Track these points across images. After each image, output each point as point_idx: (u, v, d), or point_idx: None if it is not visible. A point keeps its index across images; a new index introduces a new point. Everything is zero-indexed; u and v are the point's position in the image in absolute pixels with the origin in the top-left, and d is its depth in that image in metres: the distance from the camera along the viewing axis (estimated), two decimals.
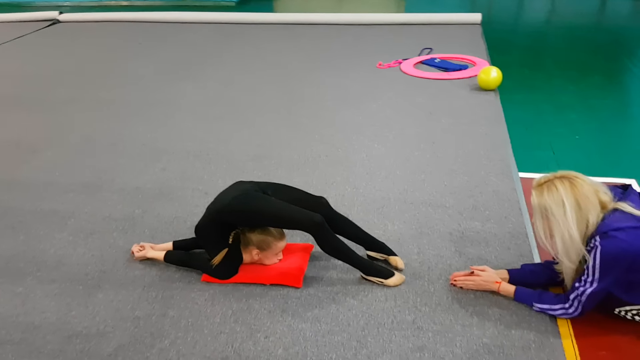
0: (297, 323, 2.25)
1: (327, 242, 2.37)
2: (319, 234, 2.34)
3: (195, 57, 5.95)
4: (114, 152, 3.82)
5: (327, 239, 2.36)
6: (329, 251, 2.39)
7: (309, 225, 2.33)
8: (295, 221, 2.36)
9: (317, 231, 2.33)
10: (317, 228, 2.32)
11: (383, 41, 6.14)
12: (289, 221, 2.38)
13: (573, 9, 7.63)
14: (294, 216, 2.36)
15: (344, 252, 2.40)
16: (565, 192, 2.01)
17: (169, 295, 2.44)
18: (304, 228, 2.35)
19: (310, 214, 2.35)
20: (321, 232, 2.33)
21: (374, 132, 3.94)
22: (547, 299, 2.22)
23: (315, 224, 2.32)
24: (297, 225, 2.37)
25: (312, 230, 2.33)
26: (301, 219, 2.34)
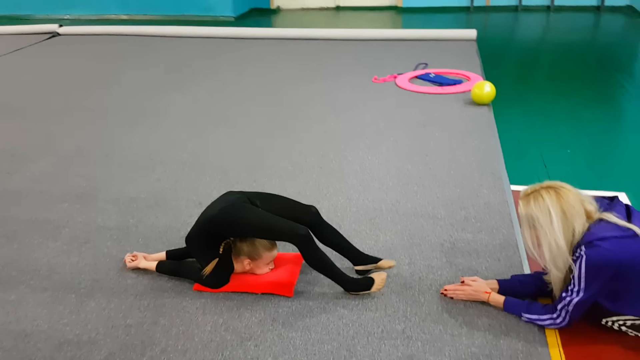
0: (287, 332, 2.26)
1: (311, 255, 2.38)
2: (303, 246, 2.36)
3: (188, 68, 6.00)
4: (108, 162, 3.85)
5: (311, 252, 2.37)
6: (312, 264, 2.41)
7: (292, 236, 2.35)
8: (280, 232, 2.38)
9: (301, 243, 2.35)
10: (301, 240, 2.34)
11: (379, 56, 6.21)
12: (273, 232, 2.40)
13: (567, 25, 7.73)
14: (278, 227, 2.37)
15: (327, 267, 2.42)
16: (551, 202, 2.04)
17: (161, 303, 2.45)
18: (288, 239, 2.37)
19: (295, 225, 2.37)
20: (305, 244, 2.35)
21: (368, 144, 3.98)
22: (535, 309, 2.24)
23: (299, 235, 2.34)
24: (281, 236, 2.39)
25: (296, 242, 2.35)
26: (285, 230, 2.36)
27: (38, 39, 7.66)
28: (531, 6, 8.49)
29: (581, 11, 8.30)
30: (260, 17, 8.94)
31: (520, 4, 8.44)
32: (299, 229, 2.35)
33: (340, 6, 9.27)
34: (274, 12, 9.25)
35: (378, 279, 2.44)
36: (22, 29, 7.98)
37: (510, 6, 8.58)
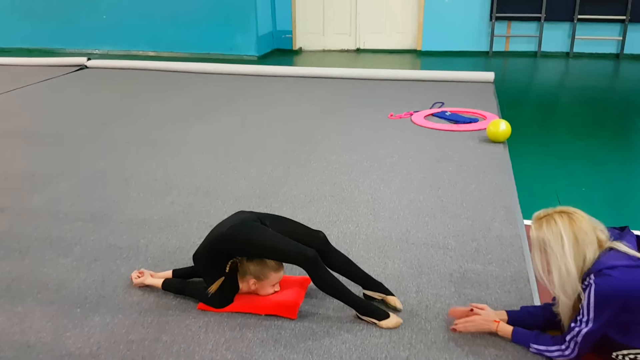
0: (288, 354, 2.23)
1: (320, 278, 2.36)
2: (312, 269, 2.34)
3: (211, 103, 6.14)
4: (125, 186, 3.91)
5: (320, 275, 2.35)
6: (321, 287, 2.38)
7: (301, 259, 2.33)
8: (288, 254, 2.37)
9: (310, 266, 2.33)
10: (310, 263, 2.33)
11: (396, 95, 6.28)
12: (281, 253, 2.40)
13: (586, 71, 7.76)
14: (287, 249, 2.37)
15: (338, 290, 2.39)
16: (564, 226, 2.02)
17: (164, 321, 2.44)
18: (296, 262, 2.36)
19: (303, 248, 2.37)
20: (314, 268, 2.33)
21: (380, 176, 3.99)
22: (544, 340, 2.18)
23: (308, 258, 2.33)
24: (289, 258, 2.39)
25: (305, 265, 2.34)
26: (294, 252, 2.36)
27: (66, 70, 7.93)
28: (550, 52, 8.56)
29: (600, 58, 8.34)
30: (283, 57, 9.16)
31: (539, 49, 8.53)
32: (307, 251, 2.35)
33: (360, 48, 9.46)
34: (296, 53, 9.46)
35: (394, 319, 2.40)
36: (52, 61, 8.28)
37: (529, 52, 8.67)
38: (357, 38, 9.39)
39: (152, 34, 9.18)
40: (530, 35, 8.55)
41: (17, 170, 4.27)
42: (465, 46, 8.81)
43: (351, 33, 9.36)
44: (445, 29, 8.77)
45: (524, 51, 8.69)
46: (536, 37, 8.50)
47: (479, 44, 8.78)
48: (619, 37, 8.22)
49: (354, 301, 2.40)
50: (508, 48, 8.76)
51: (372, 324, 2.40)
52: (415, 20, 9.01)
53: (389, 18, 9.16)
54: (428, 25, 8.88)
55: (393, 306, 2.50)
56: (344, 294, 2.39)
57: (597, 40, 8.34)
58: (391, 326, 2.38)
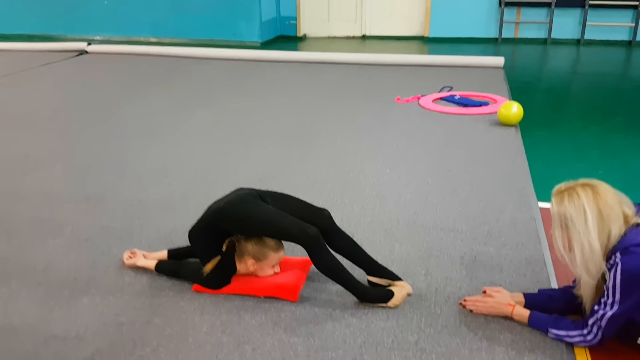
0: (288, 337, 2.08)
1: (321, 259, 2.20)
2: (313, 249, 2.18)
3: (213, 88, 5.98)
4: (121, 168, 3.77)
5: (321, 255, 2.20)
6: (322, 269, 2.23)
7: (301, 237, 2.18)
8: (288, 232, 2.22)
9: (311, 245, 2.18)
10: (311, 241, 2.17)
11: (403, 80, 6.10)
12: (281, 231, 2.24)
13: (598, 58, 7.56)
14: (287, 226, 2.22)
15: (339, 273, 2.23)
16: (587, 200, 1.86)
17: (157, 303, 2.29)
18: (296, 240, 2.21)
19: (304, 225, 2.21)
20: (315, 247, 2.18)
21: (387, 159, 3.83)
22: (563, 324, 2.02)
23: (309, 236, 2.17)
24: (289, 236, 2.23)
25: (305, 244, 2.18)
26: (294, 230, 2.20)
27: (66, 56, 7.79)
28: (561, 39, 8.36)
29: (612, 45, 8.13)
30: (286, 44, 8.98)
31: (549, 36, 8.32)
32: (309, 229, 2.19)
33: (366, 35, 9.28)
34: (301, 40, 9.29)
35: (399, 293, 2.25)
36: (51, 46, 8.14)
37: (539, 39, 8.47)
38: (363, 24, 9.20)
39: (154, 20, 9.03)
40: (540, 21, 8.34)
41: (10, 152, 4.13)
42: (473, 32, 8.62)
43: (357, 19, 9.17)
44: (453, 15, 8.57)
45: (534, 38, 8.48)
46: (546, 23, 8.29)
47: (488, 31, 8.58)
48: (632, 24, 8.00)
49: (355, 288, 2.25)
50: (517, 35, 8.55)
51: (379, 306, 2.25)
52: (423, 6, 8.81)
53: (395, 4, 8.96)
54: (436, 11, 8.69)
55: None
56: (345, 279, 2.23)
57: (609, 27, 8.12)
58: (398, 302, 2.23)
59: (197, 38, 8.82)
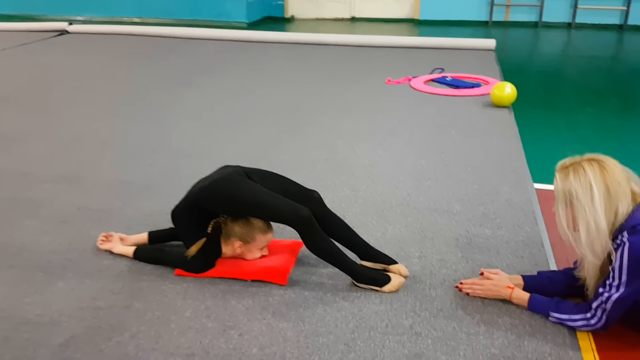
0: (277, 322, 1.97)
1: (313, 240, 2.09)
2: (304, 230, 2.07)
3: (199, 68, 5.81)
4: (102, 148, 3.61)
5: (313, 237, 2.08)
6: (314, 250, 2.11)
7: (293, 218, 2.06)
8: (278, 212, 2.09)
9: (302, 226, 2.06)
10: (302, 222, 2.06)
11: (394, 62, 5.98)
12: (271, 212, 2.12)
13: (590, 41, 7.47)
14: (277, 206, 2.10)
15: (332, 254, 2.12)
16: (594, 176, 1.75)
17: (137, 287, 2.16)
18: (287, 221, 2.09)
19: (296, 205, 2.09)
20: (307, 228, 2.06)
21: (379, 140, 3.71)
22: (565, 308, 1.93)
23: (301, 217, 2.06)
24: (279, 217, 2.11)
25: (297, 225, 2.06)
26: (285, 210, 2.08)
27: (46, 36, 7.54)
28: (552, 22, 8.26)
29: (603, 29, 8.05)
30: (274, 25, 8.79)
31: (540, 19, 8.22)
32: (300, 209, 2.07)
33: (355, 17, 9.11)
34: (288, 21, 9.11)
35: (395, 280, 2.14)
36: (31, 26, 7.89)
37: (530, 22, 8.37)
38: (352, 6, 9.03)
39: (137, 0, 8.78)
40: (532, 4, 8.23)
41: None
42: (464, 15, 8.49)
43: (346, 1, 9.00)
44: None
45: (525, 21, 8.38)
46: (537, 6, 8.19)
47: (479, 14, 8.46)
48: (623, 7, 7.92)
49: (351, 268, 2.14)
50: (508, 18, 8.44)
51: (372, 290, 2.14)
52: None
53: None
54: None
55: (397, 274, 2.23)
56: (340, 260, 2.13)
57: (600, 11, 8.04)
58: (394, 289, 2.13)
59: (181, 18, 8.60)
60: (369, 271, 2.18)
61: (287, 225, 2.11)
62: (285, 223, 2.11)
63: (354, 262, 2.16)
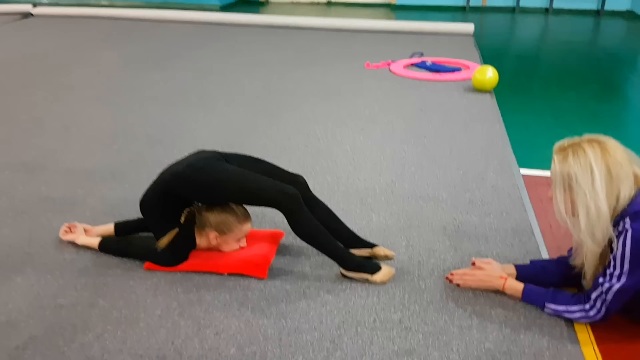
0: (257, 319, 1.82)
1: (302, 224, 1.94)
2: (292, 210, 1.92)
3: (169, 52, 5.57)
4: (65, 134, 3.40)
5: (301, 220, 1.93)
6: (302, 234, 1.97)
7: (280, 199, 1.91)
8: (263, 193, 1.93)
9: (291, 208, 1.91)
10: (291, 203, 1.91)
11: (372, 47, 5.82)
12: (254, 194, 1.95)
13: (567, 27, 7.42)
14: (261, 187, 1.94)
15: (321, 239, 1.98)
16: (595, 157, 1.64)
17: (102, 282, 1.99)
18: (273, 203, 1.93)
19: (282, 185, 1.95)
20: (294, 208, 1.92)
21: (359, 126, 3.57)
22: (562, 298, 1.82)
23: (289, 197, 1.91)
24: (265, 198, 1.95)
25: (284, 204, 1.91)
26: (270, 190, 1.93)
27: (9, 19, 7.18)
28: (529, 8, 8.20)
29: (581, 15, 8.03)
30: (248, 8, 8.54)
31: (517, 5, 8.15)
32: (288, 189, 1.93)
33: (331, 1, 8.92)
34: (262, 5, 8.87)
35: (385, 269, 2.01)
36: None
37: (507, 7, 8.29)
38: None
39: None
40: None
41: None
42: (441, 0, 8.37)
43: None
44: None
45: (502, 6, 8.30)
46: None
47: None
48: None
49: (340, 255, 2.00)
50: (485, 3, 8.35)
51: (362, 280, 2.01)
52: None
53: None
54: None
55: (384, 256, 2.11)
56: (328, 245, 1.99)
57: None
58: (384, 279, 2.00)
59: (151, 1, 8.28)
60: (358, 258, 2.04)
61: (273, 208, 1.95)
62: (270, 204, 1.95)
63: (343, 248, 2.02)
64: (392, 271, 2.03)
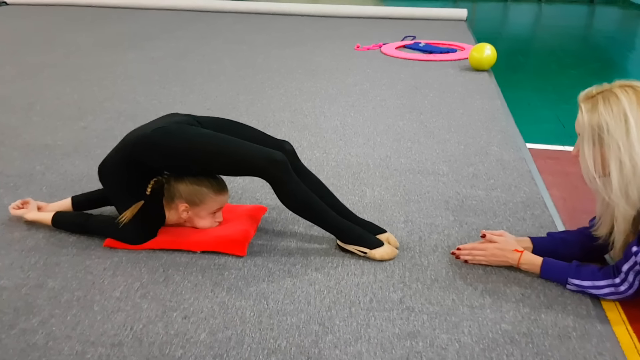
0: (233, 300, 1.55)
1: (290, 192, 1.68)
2: (281, 180, 1.66)
3: (148, 33, 5.28)
4: (28, 111, 3.11)
5: (289, 187, 1.67)
6: (292, 205, 1.70)
7: (265, 164, 1.64)
8: (246, 160, 1.66)
9: (278, 175, 1.65)
10: (278, 170, 1.65)
11: (362, 30, 5.57)
12: (235, 161, 1.68)
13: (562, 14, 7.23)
14: (243, 153, 1.67)
15: (313, 208, 1.71)
16: (629, 104, 1.39)
17: (54, 262, 1.71)
18: (258, 169, 1.66)
19: (268, 150, 1.68)
20: (283, 177, 1.66)
21: (350, 103, 3.31)
22: (587, 273, 1.57)
23: (275, 162, 1.65)
24: (248, 166, 1.67)
25: (271, 173, 1.65)
26: (255, 157, 1.66)
27: None
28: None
29: (574, 3, 7.84)
30: None
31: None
32: (273, 152, 1.66)
33: None
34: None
35: (388, 247, 1.75)
36: None
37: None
38: None
39: None
40: None
41: None
42: None
43: None
44: None
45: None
46: None
47: None
48: None
49: (335, 225, 1.74)
50: None
51: (359, 254, 1.75)
52: None
53: None
54: None
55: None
56: (322, 215, 1.73)
57: None
58: (385, 256, 1.74)
59: None
60: (357, 230, 1.77)
61: (257, 177, 1.69)
62: (254, 173, 1.68)
63: (338, 217, 1.76)
64: (395, 252, 1.77)
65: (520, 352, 1.38)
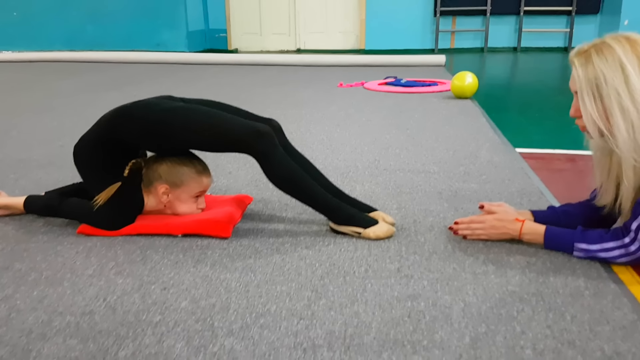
0: (217, 274, 1.43)
1: (277, 167, 1.58)
2: (267, 154, 1.57)
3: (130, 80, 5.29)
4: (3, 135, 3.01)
5: (276, 162, 1.58)
6: (280, 180, 1.60)
7: (250, 138, 1.56)
8: (230, 134, 1.58)
9: (264, 149, 1.56)
10: (264, 143, 1.56)
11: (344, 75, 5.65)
12: (219, 134, 1.59)
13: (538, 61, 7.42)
14: (227, 126, 1.59)
15: (301, 184, 1.61)
16: (624, 52, 1.35)
17: (23, 248, 1.58)
18: (242, 143, 1.57)
19: (253, 123, 1.61)
20: (269, 151, 1.57)
21: (335, 122, 3.28)
22: (594, 236, 1.47)
23: (260, 135, 1.57)
24: (232, 140, 1.58)
25: (257, 147, 1.56)
26: (240, 130, 1.58)
27: None
28: (497, 48, 8.26)
29: (549, 52, 8.10)
30: None
31: (486, 44, 8.20)
32: (258, 125, 1.58)
33: (301, 49, 8.88)
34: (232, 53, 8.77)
35: (384, 226, 1.64)
36: None
37: (476, 48, 8.34)
38: (297, 38, 8.80)
39: (68, 32, 8.26)
40: (476, 29, 8.23)
41: None
42: (410, 44, 8.39)
43: (290, 33, 8.77)
44: (389, 27, 8.34)
45: (471, 47, 8.35)
46: (482, 31, 8.18)
47: (424, 42, 8.38)
48: (566, 29, 8.01)
49: (327, 204, 1.64)
50: (454, 45, 8.40)
51: (353, 235, 1.64)
52: (357, 18, 8.53)
53: (329, 17, 8.64)
54: (371, 23, 8.43)
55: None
56: (312, 193, 1.62)
57: (544, 34, 8.09)
58: (382, 235, 1.63)
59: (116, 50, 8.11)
60: (350, 209, 1.66)
61: (242, 152, 1.59)
62: (239, 148, 1.59)
63: (328, 195, 1.65)
64: (392, 229, 1.66)
65: (531, 308, 1.27)
